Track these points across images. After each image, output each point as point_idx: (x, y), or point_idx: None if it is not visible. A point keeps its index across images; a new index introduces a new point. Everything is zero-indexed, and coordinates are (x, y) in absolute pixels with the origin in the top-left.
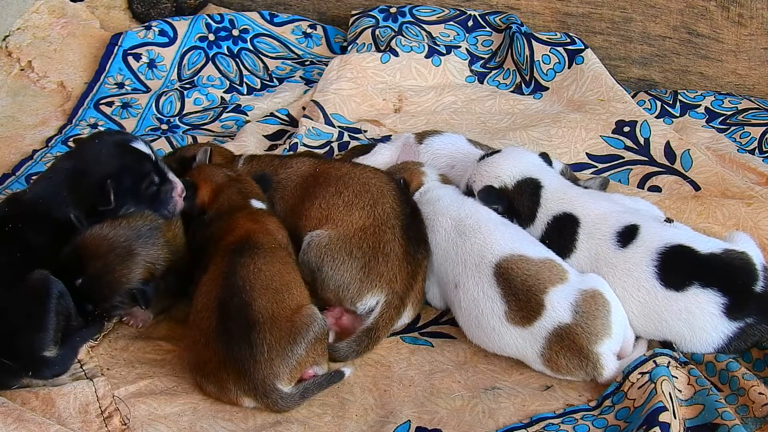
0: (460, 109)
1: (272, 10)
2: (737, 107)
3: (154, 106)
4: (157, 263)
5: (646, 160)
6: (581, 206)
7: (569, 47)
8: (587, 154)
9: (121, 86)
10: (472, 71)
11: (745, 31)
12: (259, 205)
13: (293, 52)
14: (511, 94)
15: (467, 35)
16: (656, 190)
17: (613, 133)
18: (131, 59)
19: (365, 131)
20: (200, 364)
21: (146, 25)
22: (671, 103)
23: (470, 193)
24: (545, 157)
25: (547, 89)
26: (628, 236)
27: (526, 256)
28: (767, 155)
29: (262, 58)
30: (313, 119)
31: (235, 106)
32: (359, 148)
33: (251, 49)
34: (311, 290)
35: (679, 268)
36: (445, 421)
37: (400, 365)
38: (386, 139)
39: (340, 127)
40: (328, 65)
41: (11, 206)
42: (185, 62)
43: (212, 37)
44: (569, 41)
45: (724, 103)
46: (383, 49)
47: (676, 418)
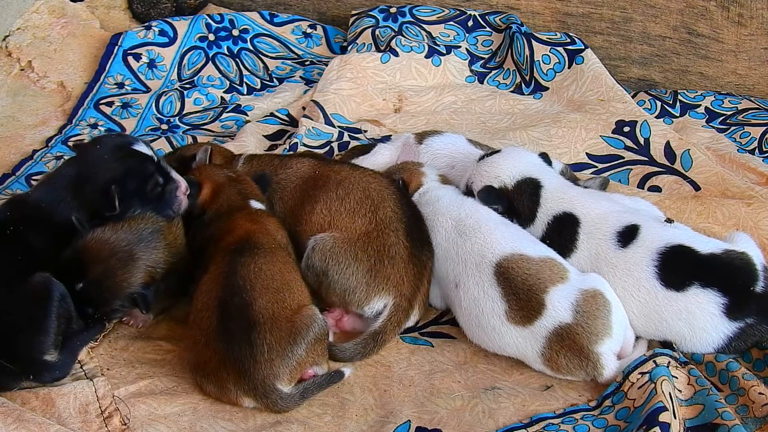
0: (460, 109)
1: (272, 10)
2: (737, 107)
3: (154, 106)
4: (158, 267)
5: (646, 160)
6: (581, 206)
7: (569, 47)
8: (587, 154)
9: (121, 86)
10: (472, 71)
11: (745, 31)
12: (258, 206)
13: (293, 52)
14: (511, 94)
15: (467, 35)
16: (656, 190)
17: (613, 133)
18: (131, 59)
19: (365, 131)
20: (200, 363)
21: (146, 25)
22: (671, 103)
23: (470, 193)
24: (545, 157)
25: (547, 89)
26: (628, 236)
27: (526, 255)
28: (767, 155)
29: (262, 58)
30: (313, 119)
31: (235, 106)
32: (359, 148)
33: (251, 49)
34: (316, 293)
35: (679, 268)
36: (445, 421)
37: (400, 365)
38: (386, 139)
39: (340, 127)
40: (328, 65)
41: (12, 209)
42: (185, 62)
43: (212, 37)
44: (569, 41)
45: (724, 103)
46: (383, 49)
47: (676, 418)
